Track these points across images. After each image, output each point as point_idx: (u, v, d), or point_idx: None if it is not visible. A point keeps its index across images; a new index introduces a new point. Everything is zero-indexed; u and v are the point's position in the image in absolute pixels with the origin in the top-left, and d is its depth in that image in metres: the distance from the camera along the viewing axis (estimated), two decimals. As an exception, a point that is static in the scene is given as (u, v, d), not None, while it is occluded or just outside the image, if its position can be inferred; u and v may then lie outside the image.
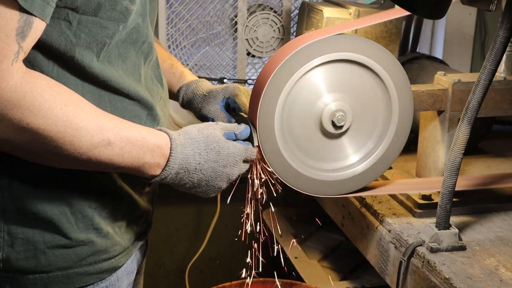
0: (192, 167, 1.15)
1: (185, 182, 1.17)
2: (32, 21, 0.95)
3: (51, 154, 1.02)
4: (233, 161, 1.19)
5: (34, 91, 0.96)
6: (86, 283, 1.17)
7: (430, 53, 2.56)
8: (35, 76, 0.99)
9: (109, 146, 1.04)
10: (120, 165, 1.08)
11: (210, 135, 1.17)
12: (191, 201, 2.63)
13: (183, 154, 1.14)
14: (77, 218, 1.13)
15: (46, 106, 0.97)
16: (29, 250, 1.12)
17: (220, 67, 2.29)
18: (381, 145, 1.33)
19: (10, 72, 0.94)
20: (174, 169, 1.13)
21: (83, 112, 1.02)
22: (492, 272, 1.25)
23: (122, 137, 1.06)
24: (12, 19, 0.93)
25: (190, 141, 1.15)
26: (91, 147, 1.03)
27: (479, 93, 1.21)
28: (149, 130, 1.12)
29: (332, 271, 2.08)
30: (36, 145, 1.00)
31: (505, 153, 1.87)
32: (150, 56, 1.22)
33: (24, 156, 1.05)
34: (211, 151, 1.16)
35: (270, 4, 2.26)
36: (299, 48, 1.23)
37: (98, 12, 1.05)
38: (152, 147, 1.10)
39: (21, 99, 0.95)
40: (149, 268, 2.66)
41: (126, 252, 1.23)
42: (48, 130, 0.98)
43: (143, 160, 1.10)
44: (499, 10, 1.20)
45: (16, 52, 0.94)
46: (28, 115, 0.96)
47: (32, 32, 0.96)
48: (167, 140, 1.13)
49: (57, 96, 0.99)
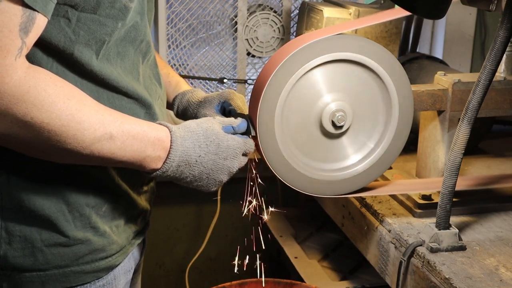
0: (192, 159, 1.16)
1: (186, 176, 1.17)
2: (34, 16, 0.96)
3: (54, 149, 1.02)
4: (233, 153, 1.20)
5: (37, 85, 0.97)
6: (83, 282, 1.17)
7: (430, 53, 2.56)
8: (38, 71, 1.00)
9: (111, 139, 1.05)
10: (122, 159, 1.09)
11: (209, 129, 1.18)
12: (191, 201, 2.63)
13: (183, 146, 1.14)
14: (74, 217, 1.13)
15: (50, 100, 0.98)
16: (26, 248, 1.12)
17: (220, 67, 2.29)
18: (381, 145, 1.33)
19: (14, 67, 0.95)
20: (175, 161, 1.14)
21: (85, 106, 1.03)
22: (492, 272, 1.25)
23: (124, 130, 1.07)
24: (15, 14, 0.94)
25: (189, 134, 1.16)
26: (94, 141, 1.03)
27: (479, 93, 1.21)
28: (149, 124, 1.13)
29: (332, 271, 2.08)
30: (40, 140, 1.00)
31: (505, 153, 1.87)
32: (148, 55, 1.23)
33: (27, 152, 1.05)
34: (210, 143, 1.17)
35: (270, 4, 2.26)
36: (299, 48, 1.23)
37: (97, 9, 1.06)
38: (153, 140, 1.11)
39: (25, 93, 0.96)
40: (149, 268, 2.67)
41: (123, 251, 1.23)
42: (52, 124, 0.99)
43: (145, 153, 1.10)
44: (499, 10, 1.20)
45: (19, 47, 0.95)
46: (32, 109, 0.97)
47: (34, 28, 0.97)
48: (167, 133, 1.14)
49: (59, 90, 1.00)
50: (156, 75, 1.28)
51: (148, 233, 1.36)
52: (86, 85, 1.10)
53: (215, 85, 2.28)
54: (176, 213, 2.65)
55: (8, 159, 1.08)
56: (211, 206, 2.46)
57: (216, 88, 2.29)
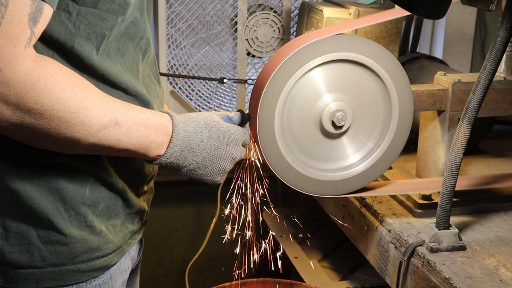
0: (195, 144, 1.17)
1: (189, 163, 1.18)
2: (42, 7, 0.97)
3: (63, 137, 1.03)
4: (234, 139, 1.21)
5: (47, 73, 0.99)
6: (79, 281, 1.17)
7: (430, 53, 2.56)
8: (46, 59, 1.01)
9: (117, 126, 1.07)
10: (127, 146, 1.10)
11: (208, 116, 1.21)
12: (191, 201, 2.63)
13: (185, 131, 1.16)
14: (70, 215, 1.13)
15: (59, 87, 1.00)
16: (23, 244, 1.12)
17: (220, 67, 2.28)
18: (381, 145, 1.33)
19: (24, 56, 0.96)
20: (178, 146, 1.15)
21: (91, 92, 1.05)
22: (492, 272, 1.25)
23: (128, 117, 1.09)
24: (24, 4, 0.95)
25: (190, 120, 1.18)
26: (101, 127, 1.05)
27: (479, 93, 1.21)
28: (151, 111, 1.15)
29: (332, 271, 2.08)
30: (50, 128, 1.01)
31: (505, 153, 1.87)
32: (148, 53, 1.24)
33: (36, 143, 1.06)
34: (212, 128, 1.19)
35: (270, 4, 2.26)
36: (299, 48, 1.23)
37: (97, 3, 1.07)
38: (156, 125, 1.13)
39: (35, 81, 0.97)
40: (149, 268, 2.67)
41: (120, 251, 1.23)
42: (61, 111, 1.00)
43: (149, 139, 1.12)
44: (499, 10, 1.20)
45: (29, 37, 0.97)
46: (43, 96, 0.98)
47: (42, 18, 0.98)
48: (168, 118, 1.16)
49: (67, 78, 1.02)
50: (155, 73, 1.28)
51: (148, 233, 1.36)
52: (87, 80, 1.11)
53: (215, 85, 2.28)
54: (176, 213, 2.65)
55: (4, 155, 1.09)
56: (211, 206, 2.46)
57: (216, 88, 2.29)
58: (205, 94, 2.28)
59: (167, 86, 2.24)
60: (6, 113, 0.98)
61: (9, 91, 0.96)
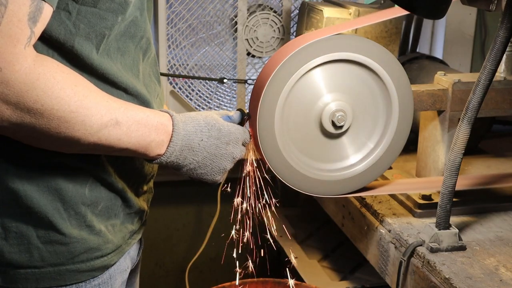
0: (195, 143, 1.17)
1: (189, 162, 1.18)
2: (42, 6, 0.97)
3: (63, 137, 1.03)
4: (234, 138, 1.21)
5: (46, 72, 0.99)
6: (78, 281, 1.17)
7: (430, 53, 2.56)
8: (45, 59, 1.01)
9: (117, 125, 1.07)
10: (127, 145, 1.10)
11: (208, 116, 1.20)
12: (191, 201, 2.63)
13: (185, 130, 1.16)
14: (69, 215, 1.13)
15: (59, 86, 1.00)
16: (22, 244, 1.12)
17: (220, 67, 2.28)
18: (381, 145, 1.33)
19: (24, 56, 0.96)
20: (178, 145, 1.15)
21: (91, 92, 1.05)
22: (492, 272, 1.25)
23: (129, 116, 1.09)
24: (24, 4, 0.95)
25: (190, 119, 1.18)
26: (101, 127, 1.05)
27: (479, 93, 1.21)
28: (151, 110, 1.15)
29: (332, 271, 2.08)
30: (50, 127, 1.01)
31: (505, 153, 1.87)
32: (149, 53, 1.23)
33: (36, 142, 1.06)
34: (212, 127, 1.19)
35: (270, 4, 2.26)
36: (299, 48, 1.23)
37: (97, 3, 1.07)
38: (156, 125, 1.13)
39: (35, 80, 0.97)
40: (149, 268, 2.67)
41: (119, 251, 1.23)
42: (61, 110, 1.00)
43: (149, 138, 1.12)
44: (499, 10, 1.20)
45: (28, 36, 0.97)
46: (43, 96, 0.98)
47: (42, 18, 0.98)
48: (168, 117, 1.16)
49: (67, 77, 1.02)
50: (155, 73, 1.28)
51: (148, 233, 1.36)
52: (87, 79, 1.11)
53: (215, 85, 2.28)
54: (176, 213, 2.65)
55: (4, 155, 1.09)
56: (211, 206, 2.46)
57: (216, 88, 2.29)
58: (205, 94, 2.28)
59: (167, 86, 2.24)
60: (6, 112, 0.98)
61: (9, 91, 0.96)
